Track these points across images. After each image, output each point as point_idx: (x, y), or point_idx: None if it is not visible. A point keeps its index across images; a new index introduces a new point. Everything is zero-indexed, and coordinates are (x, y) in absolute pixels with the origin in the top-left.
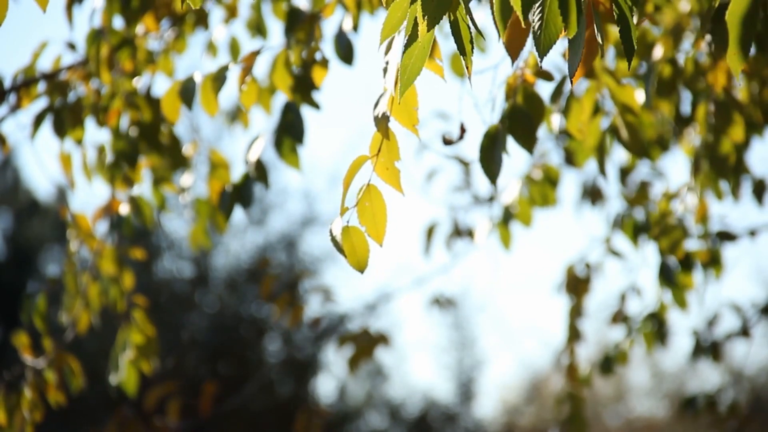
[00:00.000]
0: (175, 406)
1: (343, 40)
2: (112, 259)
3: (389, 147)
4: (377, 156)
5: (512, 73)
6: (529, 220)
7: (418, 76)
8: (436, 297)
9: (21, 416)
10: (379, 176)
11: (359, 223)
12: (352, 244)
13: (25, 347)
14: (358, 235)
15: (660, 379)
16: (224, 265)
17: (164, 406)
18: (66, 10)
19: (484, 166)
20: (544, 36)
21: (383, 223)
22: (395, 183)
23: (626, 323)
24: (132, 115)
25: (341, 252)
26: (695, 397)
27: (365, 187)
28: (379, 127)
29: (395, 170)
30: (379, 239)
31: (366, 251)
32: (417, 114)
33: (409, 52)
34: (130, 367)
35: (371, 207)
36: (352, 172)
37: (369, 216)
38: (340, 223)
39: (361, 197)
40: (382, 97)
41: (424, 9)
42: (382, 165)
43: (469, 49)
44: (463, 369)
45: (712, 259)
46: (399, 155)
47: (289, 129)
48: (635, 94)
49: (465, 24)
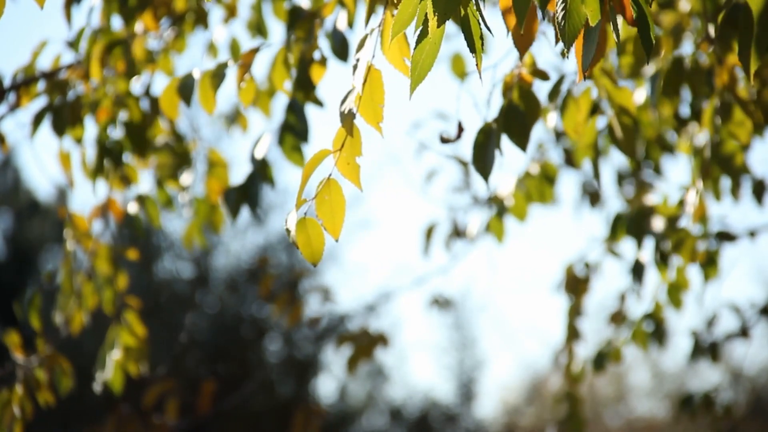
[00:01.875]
0: (174, 405)
1: (338, 36)
2: (107, 259)
3: (353, 143)
4: (340, 151)
5: (509, 72)
6: (523, 214)
7: (429, 71)
8: (436, 297)
9: (11, 413)
10: (339, 171)
11: (317, 216)
12: (308, 236)
13: (16, 346)
14: (314, 228)
15: (660, 380)
16: (225, 266)
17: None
18: (65, 9)
19: (477, 163)
20: (569, 26)
21: (341, 217)
22: (354, 178)
23: (626, 323)
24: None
25: (294, 244)
26: (692, 396)
27: (325, 180)
28: (344, 123)
29: (356, 165)
30: (335, 233)
31: (321, 244)
32: (382, 111)
33: (420, 48)
34: (117, 367)
35: (330, 201)
36: (312, 165)
37: (327, 209)
38: (296, 215)
39: (321, 190)
40: (350, 94)
41: (435, 5)
42: (343, 160)
43: (479, 46)
44: (464, 369)
45: (708, 260)
46: (361, 151)
47: (293, 128)
48: (632, 95)
49: (475, 20)
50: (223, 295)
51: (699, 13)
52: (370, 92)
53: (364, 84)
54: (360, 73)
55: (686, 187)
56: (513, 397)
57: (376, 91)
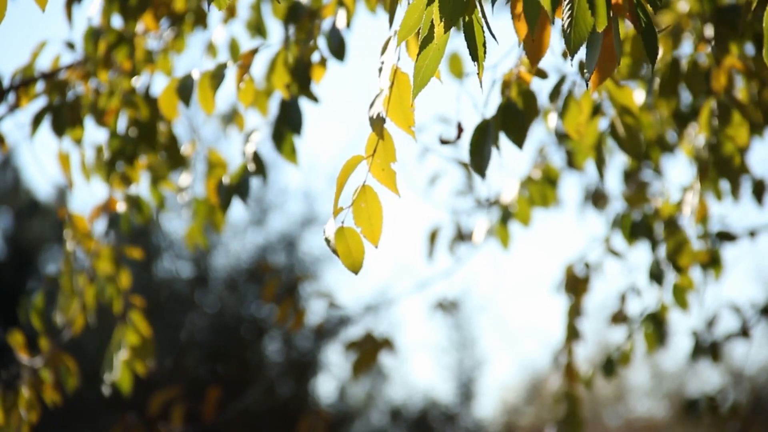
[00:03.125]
0: (179, 412)
1: (335, 36)
2: (109, 258)
3: (385, 148)
4: (373, 156)
5: (508, 70)
6: (527, 219)
7: (433, 77)
8: (440, 302)
9: (18, 416)
10: (374, 177)
11: (354, 224)
12: (347, 245)
13: (21, 346)
14: (353, 236)
15: (660, 380)
16: (224, 265)
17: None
18: (65, 9)
19: (473, 159)
20: (574, 33)
21: (379, 224)
22: (391, 184)
23: (626, 323)
24: (130, 114)
25: (335, 253)
26: (697, 400)
27: (360, 187)
28: (374, 128)
29: (391, 171)
30: (374, 240)
31: (361, 252)
32: (413, 115)
33: (424, 54)
34: (124, 367)
35: (367, 208)
36: (346, 173)
37: (364, 217)
38: (335, 224)
39: (357, 198)
40: (377, 98)
41: (441, 10)
42: (378, 166)
43: (481, 53)
44: (464, 369)
45: (712, 259)
46: (395, 156)
47: (288, 121)
48: (634, 95)
49: (479, 26)
50: (222, 295)
51: (697, 13)
52: (398, 95)
53: (391, 87)
54: (386, 75)
55: (686, 188)
56: (512, 397)
57: (404, 93)
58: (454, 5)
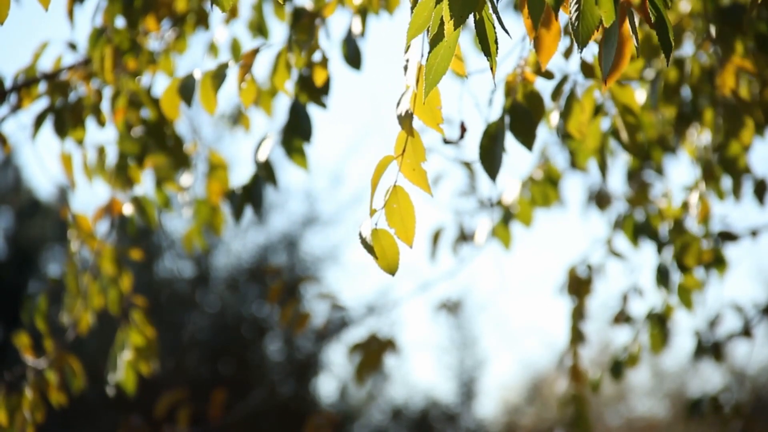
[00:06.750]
0: (185, 414)
1: (351, 44)
2: (112, 259)
3: (414, 146)
4: (402, 156)
5: (512, 71)
6: (529, 220)
7: (444, 75)
8: (444, 302)
9: (22, 417)
10: (405, 177)
11: (387, 225)
12: (382, 247)
13: (26, 347)
14: (387, 238)
15: (661, 379)
16: (225, 265)
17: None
18: (67, 9)
19: (485, 163)
20: (582, 27)
21: (412, 224)
22: (423, 184)
23: (629, 324)
24: (137, 114)
25: (372, 254)
26: (700, 400)
27: (392, 188)
28: (403, 126)
29: (422, 171)
30: (408, 241)
31: (396, 253)
32: (441, 113)
33: (435, 52)
34: (128, 367)
35: (399, 209)
36: (378, 173)
37: (397, 218)
38: (370, 225)
39: (389, 199)
40: (404, 96)
41: (450, 8)
42: (408, 166)
43: (494, 50)
44: (465, 369)
45: (715, 258)
46: (425, 155)
47: (297, 128)
48: (636, 94)
49: (490, 23)
50: (223, 295)
51: (700, 13)
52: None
53: (417, 85)
54: (412, 73)
55: (689, 188)
56: (513, 397)
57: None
58: (464, 3)
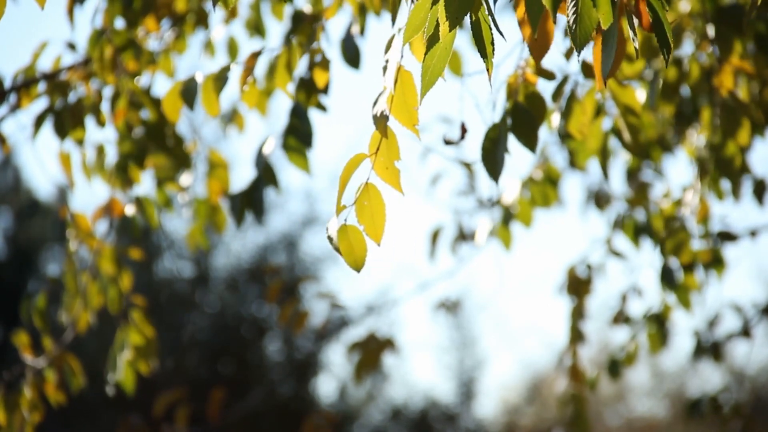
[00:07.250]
0: (184, 414)
1: (350, 43)
2: (111, 259)
3: (389, 146)
4: (376, 155)
5: (513, 73)
6: (529, 220)
7: (440, 77)
8: (444, 302)
9: (21, 416)
10: (378, 175)
11: (357, 222)
12: (350, 243)
13: (26, 347)
14: (355, 234)
15: (660, 379)
16: (225, 265)
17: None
18: (67, 9)
19: (487, 165)
20: (580, 29)
21: (382, 222)
22: (395, 183)
23: (628, 324)
24: (137, 115)
25: (338, 251)
26: (700, 400)
27: (363, 185)
28: (378, 126)
29: (395, 170)
30: (377, 239)
31: (364, 250)
32: (417, 114)
33: (431, 54)
34: (128, 367)
35: (370, 206)
36: (349, 170)
37: (367, 215)
38: (337, 222)
39: (360, 196)
40: (380, 96)
41: (446, 9)
42: (382, 164)
43: (490, 51)
44: (464, 369)
45: (714, 259)
46: (399, 155)
47: (297, 132)
48: (636, 95)
49: (487, 25)
50: (223, 295)
51: (699, 13)
52: (402, 94)
53: (395, 85)
54: (390, 74)
55: (687, 188)
56: (513, 397)
57: (408, 92)
58: (459, 4)
